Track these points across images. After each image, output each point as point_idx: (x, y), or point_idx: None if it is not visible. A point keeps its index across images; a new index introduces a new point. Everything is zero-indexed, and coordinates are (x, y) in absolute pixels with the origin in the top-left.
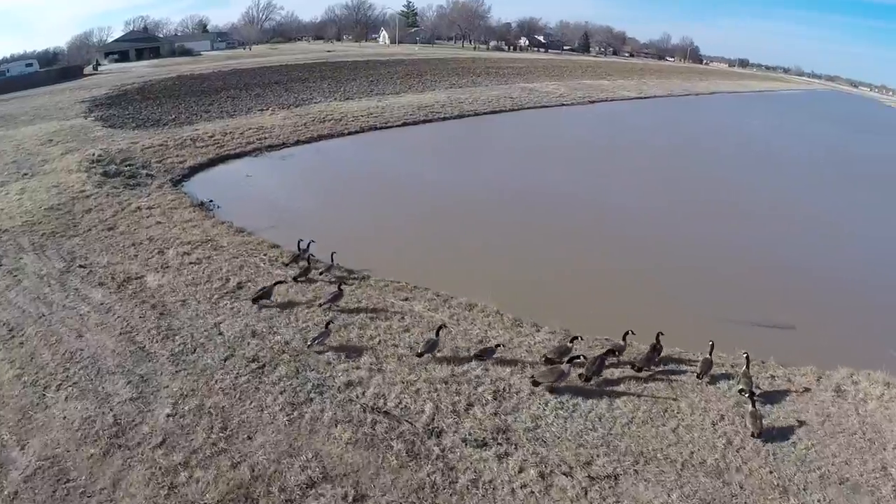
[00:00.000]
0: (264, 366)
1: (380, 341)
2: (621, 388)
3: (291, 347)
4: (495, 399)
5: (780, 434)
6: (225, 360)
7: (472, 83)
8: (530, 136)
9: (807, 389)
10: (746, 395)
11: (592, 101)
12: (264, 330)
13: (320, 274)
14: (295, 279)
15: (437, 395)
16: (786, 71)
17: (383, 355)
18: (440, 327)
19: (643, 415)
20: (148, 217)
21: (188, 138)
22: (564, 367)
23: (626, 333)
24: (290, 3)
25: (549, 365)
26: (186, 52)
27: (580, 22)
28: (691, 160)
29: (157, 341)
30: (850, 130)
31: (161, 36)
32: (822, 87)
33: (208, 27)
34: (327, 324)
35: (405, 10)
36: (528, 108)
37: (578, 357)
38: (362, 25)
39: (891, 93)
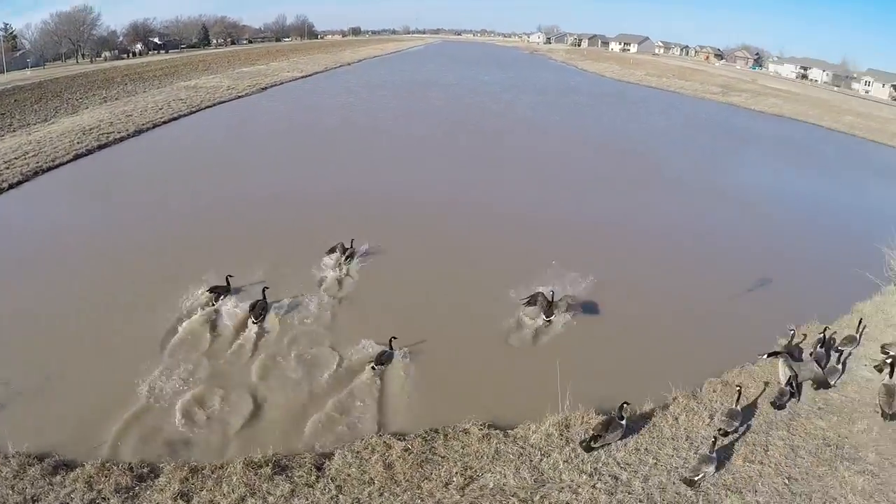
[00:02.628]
0: None
1: None
2: None
3: None
4: None
5: None
6: None
7: (126, 92)
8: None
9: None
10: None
11: (264, 88)
12: None
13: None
14: None
15: None
16: (394, 32)
17: None
18: None
19: None
20: None
21: None
22: None
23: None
24: None
25: None
26: None
27: (193, 16)
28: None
29: None
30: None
31: None
32: (434, 40)
33: None
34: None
35: (3, 32)
36: (208, 106)
37: None
38: None
39: (492, 34)
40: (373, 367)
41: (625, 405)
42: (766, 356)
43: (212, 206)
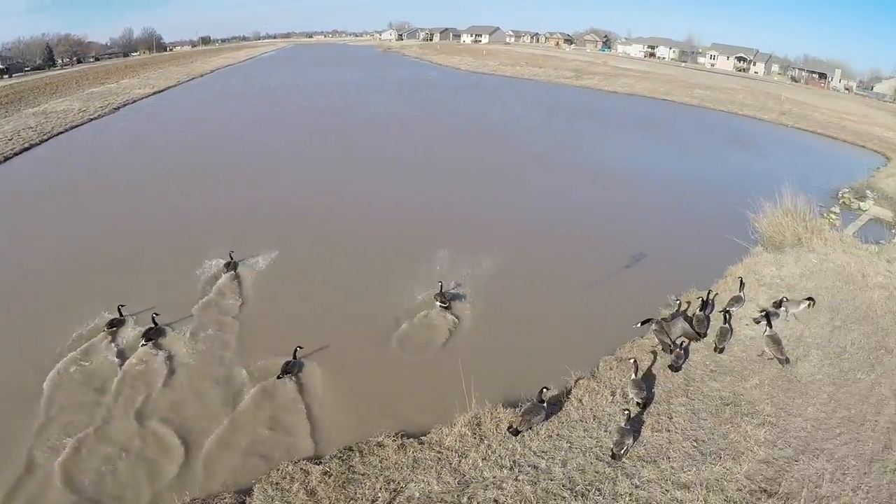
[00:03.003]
0: None
1: None
2: None
3: None
4: None
5: None
6: None
7: None
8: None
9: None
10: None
11: (117, 108)
12: None
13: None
14: None
15: None
16: (244, 39)
17: None
18: None
19: None
20: None
21: None
22: None
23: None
24: None
25: None
26: None
27: (36, 36)
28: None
29: None
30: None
31: None
32: (285, 44)
33: None
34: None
35: None
36: (60, 132)
37: None
38: None
39: (344, 35)
40: (278, 377)
41: (544, 390)
42: (639, 324)
43: (82, 237)
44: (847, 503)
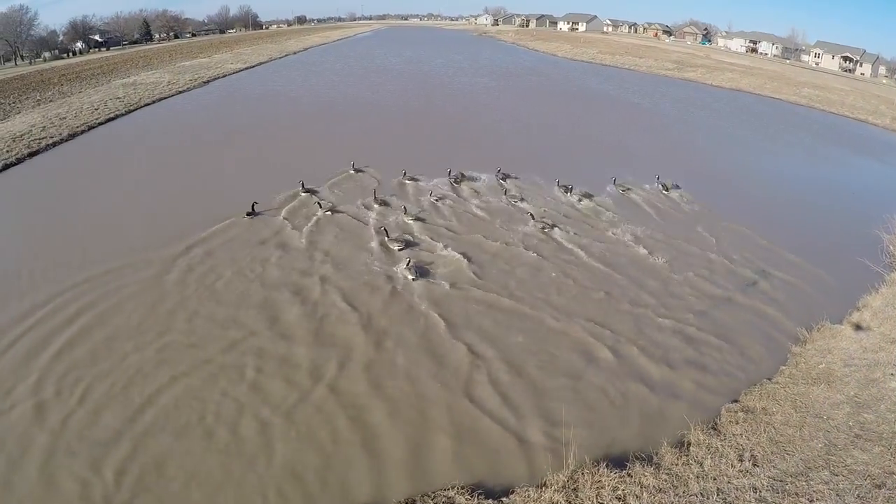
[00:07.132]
0: None
1: None
2: None
3: None
4: None
5: None
6: None
7: (61, 94)
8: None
9: None
10: None
11: (207, 81)
12: None
13: None
14: None
15: None
16: (340, 20)
17: None
18: None
19: None
20: None
21: None
22: None
23: None
24: None
25: None
26: None
27: (134, 12)
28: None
29: None
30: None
31: None
32: (380, 26)
33: None
34: None
35: None
36: (147, 104)
37: None
38: None
39: (438, 18)
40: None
41: None
42: None
43: (158, 217)
44: None
